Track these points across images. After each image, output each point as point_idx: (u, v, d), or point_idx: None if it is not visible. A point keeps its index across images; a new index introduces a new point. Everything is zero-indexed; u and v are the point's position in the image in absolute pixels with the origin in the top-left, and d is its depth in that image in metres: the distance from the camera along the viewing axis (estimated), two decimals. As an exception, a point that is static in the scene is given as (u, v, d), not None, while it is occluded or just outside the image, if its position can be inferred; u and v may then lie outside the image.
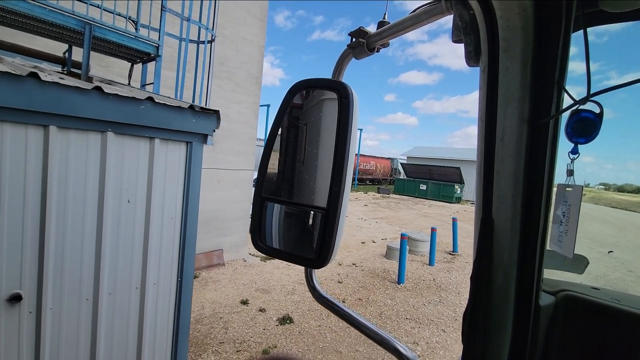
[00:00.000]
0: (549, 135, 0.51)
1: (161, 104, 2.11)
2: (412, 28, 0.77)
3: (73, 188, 1.87)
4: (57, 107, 1.72)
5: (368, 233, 11.22)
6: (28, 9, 2.57)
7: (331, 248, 0.51)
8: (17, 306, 1.75)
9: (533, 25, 0.48)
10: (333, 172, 0.50)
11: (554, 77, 0.50)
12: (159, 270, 2.31)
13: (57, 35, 3.16)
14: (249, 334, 4.25)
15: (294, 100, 0.57)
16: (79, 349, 1.98)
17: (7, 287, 1.71)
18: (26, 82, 1.62)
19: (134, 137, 2.08)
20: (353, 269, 7.26)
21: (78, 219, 1.91)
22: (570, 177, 0.53)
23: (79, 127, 1.85)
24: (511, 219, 0.54)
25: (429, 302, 5.43)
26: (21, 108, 1.63)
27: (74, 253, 1.91)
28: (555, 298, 0.62)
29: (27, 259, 1.76)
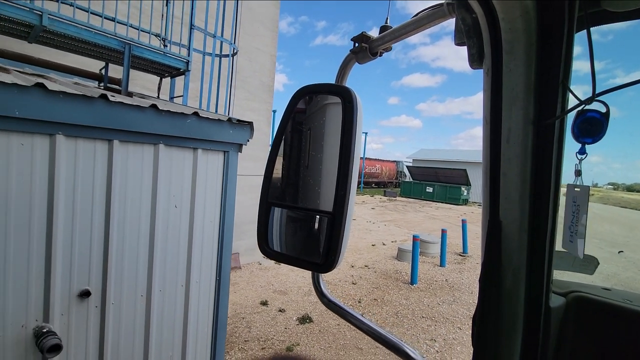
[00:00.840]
0: (555, 135, 0.52)
1: (204, 118, 2.33)
2: (415, 32, 0.77)
3: (131, 195, 2.09)
4: (120, 123, 1.95)
5: (377, 236, 11.37)
6: (77, 32, 2.82)
7: (338, 252, 0.50)
8: (86, 301, 1.96)
9: (536, 26, 0.48)
10: (338, 176, 0.50)
11: (559, 77, 0.50)
12: (201, 269, 2.52)
13: (96, 53, 3.42)
14: (271, 332, 4.44)
15: (297, 106, 0.58)
16: (135, 339, 2.19)
17: (78, 284, 1.92)
18: (96, 102, 1.84)
19: (181, 148, 2.30)
20: (366, 270, 7.41)
21: (135, 222, 2.13)
22: (579, 178, 0.52)
23: (137, 141, 2.07)
24: (519, 220, 0.54)
25: (443, 302, 5.58)
26: (91, 125, 1.85)
27: (131, 253, 2.13)
28: (566, 299, 0.61)
29: (94, 259, 1.98)
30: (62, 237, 1.84)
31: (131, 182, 2.09)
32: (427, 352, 4.02)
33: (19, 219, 1.70)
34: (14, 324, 1.72)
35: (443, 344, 4.18)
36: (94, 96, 1.83)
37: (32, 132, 1.70)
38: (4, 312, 1.69)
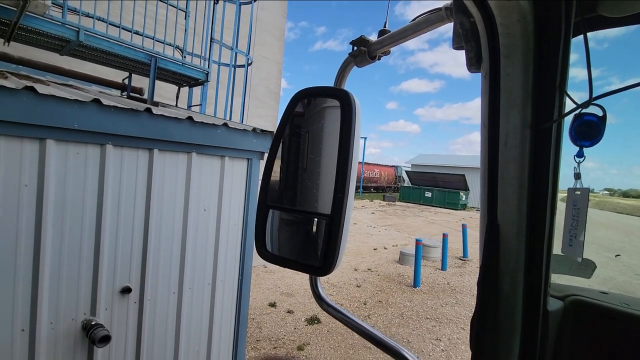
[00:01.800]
0: (553, 139, 0.52)
1: (232, 128, 2.52)
2: (413, 36, 0.78)
3: (167, 199, 2.27)
4: (160, 134, 2.13)
5: (378, 240, 11.53)
6: (109, 46, 3.02)
7: (336, 255, 0.50)
8: (126, 297, 2.13)
9: (533, 31, 0.49)
10: (337, 179, 0.50)
11: (556, 81, 0.50)
12: (225, 269, 2.69)
13: (122, 65, 3.61)
14: (281, 332, 4.59)
15: (296, 109, 0.58)
16: (167, 333, 2.35)
17: (120, 281, 2.09)
18: (141, 115, 2.03)
19: (211, 156, 2.49)
20: (369, 274, 7.58)
21: (169, 224, 2.30)
22: (578, 181, 0.53)
23: (173, 150, 2.26)
24: (517, 223, 0.54)
25: (446, 304, 5.75)
26: (136, 136, 2.04)
27: (166, 253, 2.30)
28: (564, 303, 0.61)
29: (135, 258, 2.15)
30: (109, 238, 2.01)
31: (167, 187, 2.27)
32: (433, 350, 4.19)
33: (73, 220, 1.87)
34: (65, 317, 1.89)
35: (448, 343, 4.35)
36: (140, 109, 2.01)
37: (87, 142, 1.88)
38: (58, 306, 1.85)
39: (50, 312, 1.83)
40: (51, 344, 1.84)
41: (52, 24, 2.71)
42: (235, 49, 3.99)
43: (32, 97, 1.63)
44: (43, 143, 1.73)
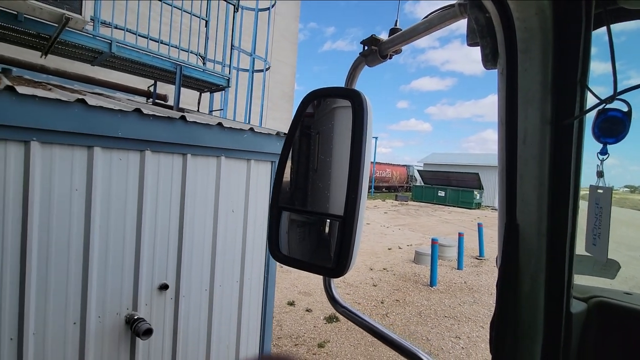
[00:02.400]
0: (574, 136, 0.51)
1: (258, 132, 2.63)
2: (425, 33, 0.77)
3: (199, 201, 2.40)
4: (193, 140, 2.26)
5: (393, 239, 11.53)
6: (138, 56, 3.18)
7: (349, 256, 0.50)
8: (164, 294, 2.26)
9: (552, 24, 0.48)
10: (349, 180, 0.50)
11: (576, 76, 0.49)
12: (252, 267, 2.81)
13: (147, 73, 3.78)
14: (301, 330, 4.69)
15: (306, 110, 0.57)
16: (200, 328, 2.48)
17: (158, 278, 2.23)
18: (177, 122, 2.16)
19: (238, 159, 2.60)
20: (385, 273, 7.61)
21: (201, 225, 2.43)
22: (601, 179, 0.51)
23: (204, 154, 2.38)
24: (537, 223, 0.53)
25: (464, 303, 5.75)
26: (172, 142, 2.17)
27: (198, 252, 2.43)
28: (587, 305, 0.59)
29: (171, 257, 2.28)
30: (148, 238, 2.15)
31: (199, 189, 2.39)
32: (453, 348, 4.22)
33: (117, 222, 2.01)
34: (110, 311, 2.03)
35: (467, 342, 4.37)
36: (175, 117, 2.14)
37: (128, 148, 2.02)
38: (104, 301, 2.00)
39: (98, 307, 1.97)
40: (99, 336, 1.98)
41: (87, 37, 2.88)
42: (255, 55, 4.11)
43: (82, 109, 1.77)
44: (91, 150, 1.87)
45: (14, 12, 2.43)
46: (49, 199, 1.76)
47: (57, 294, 1.82)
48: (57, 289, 1.82)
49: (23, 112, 1.61)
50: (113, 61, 3.36)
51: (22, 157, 1.67)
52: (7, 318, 1.68)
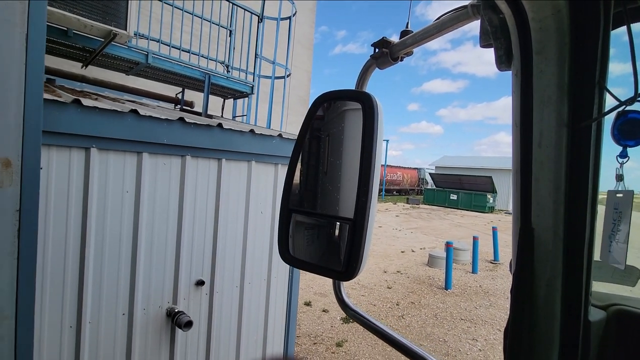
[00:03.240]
0: (592, 138, 0.50)
1: (285, 138, 2.78)
2: (437, 35, 0.76)
3: (232, 203, 2.55)
4: (228, 145, 2.42)
5: (405, 243, 11.54)
6: (171, 66, 3.38)
7: (360, 260, 0.50)
8: (199, 289, 2.42)
9: (568, 24, 0.47)
10: (359, 183, 0.50)
11: (594, 77, 0.48)
12: (278, 267, 2.95)
13: (176, 81, 3.99)
14: (319, 330, 4.81)
15: (316, 112, 0.58)
16: (231, 322, 2.63)
17: (195, 274, 2.39)
18: (214, 130, 2.33)
19: (267, 163, 2.76)
20: (399, 276, 7.66)
21: (234, 226, 2.59)
22: (620, 182, 0.50)
23: (237, 159, 2.54)
24: (553, 228, 0.52)
25: (480, 306, 5.77)
26: (209, 147, 2.33)
27: (230, 251, 2.58)
28: (607, 313, 0.57)
29: (206, 255, 2.44)
30: (187, 237, 2.31)
31: (232, 192, 2.55)
32: (470, 350, 4.26)
33: (161, 221, 2.18)
34: (154, 304, 2.20)
35: (485, 344, 4.41)
36: (213, 125, 2.31)
37: (171, 154, 2.19)
38: (149, 295, 2.16)
39: (143, 300, 2.14)
40: (143, 326, 2.15)
41: (127, 50, 3.10)
42: (277, 63, 4.29)
43: (134, 118, 1.95)
44: (140, 156, 2.04)
45: (65, 28, 2.65)
46: (104, 200, 1.94)
47: (110, 287, 1.99)
48: (110, 283, 1.99)
49: (85, 122, 1.79)
50: (147, 71, 3.57)
51: (83, 162, 1.85)
52: (68, 308, 1.86)
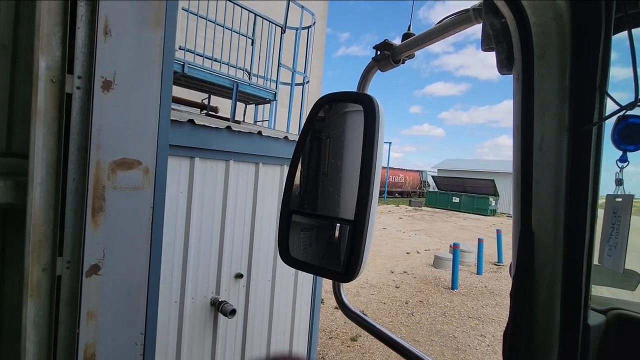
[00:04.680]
0: (592, 143, 0.50)
1: (314, 144, 3.02)
2: (439, 38, 0.76)
3: (267, 202, 2.79)
4: (265, 150, 2.66)
5: (410, 244, 11.75)
6: (204, 75, 3.63)
7: (360, 261, 0.50)
8: (238, 281, 2.65)
9: (570, 29, 0.47)
10: (360, 184, 0.50)
11: (595, 82, 0.48)
12: (304, 263, 3.18)
13: (205, 88, 4.23)
14: (333, 325, 5.03)
15: (318, 114, 0.58)
16: (264, 312, 2.87)
17: (234, 268, 2.62)
18: (254, 137, 2.56)
19: (297, 167, 2.99)
20: (405, 276, 7.88)
21: (267, 223, 2.82)
22: (620, 187, 0.50)
23: (272, 163, 2.78)
24: (553, 231, 0.52)
25: (486, 305, 5.99)
26: (250, 152, 2.57)
27: (263, 247, 2.81)
28: (606, 317, 0.57)
29: (244, 250, 2.67)
30: (229, 233, 2.55)
31: (267, 193, 2.79)
32: (479, 345, 4.48)
33: (207, 219, 2.42)
34: (200, 294, 2.43)
35: (492, 340, 4.63)
36: (254, 132, 2.55)
37: (218, 158, 2.43)
38: (196, 285, 2.40)
39: (192, 290, 2.37)
40: (191, 314, 2.38)
41: (165, 60, 3.34)
42: (297, 71, 4.53)
43: (190, 127, 2.19)
44: (192, 160, 2.28)
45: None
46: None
47: (164, 278, 2.23)
48: (165, 274, 2.22)
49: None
50: (180, 79, 3.81)
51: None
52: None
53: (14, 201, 0.98)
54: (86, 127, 0.96)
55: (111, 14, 0.97)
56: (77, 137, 0.97)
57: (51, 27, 0.93)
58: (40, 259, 0.95)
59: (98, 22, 0.94)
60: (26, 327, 0.94)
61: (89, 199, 0.96)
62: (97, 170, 0.98)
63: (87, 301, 0.98)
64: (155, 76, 1.07)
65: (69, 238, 0.97)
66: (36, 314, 0.95)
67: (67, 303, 0.98)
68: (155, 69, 1.07)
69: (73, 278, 0.98)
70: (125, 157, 1.04)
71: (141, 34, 1.03)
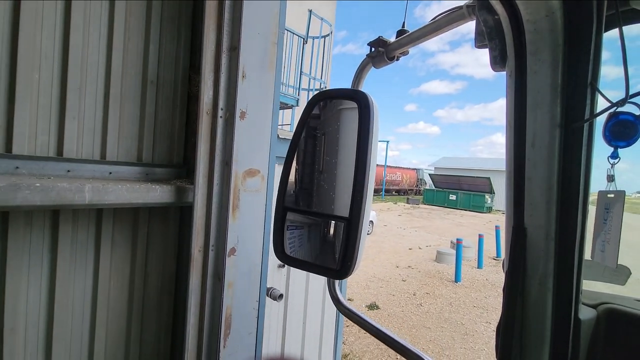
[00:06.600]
0: (584, 139, 0.50)
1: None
2: (433, 35, 0.77)
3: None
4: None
5: (411, 240, 12.18)
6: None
7: (354, 258, 0.49)
8: (281, 270, 3.00)
9: (562, 26, 0.48)
10: (355, 181, 0.49)
11: (587, 78, 0.49)
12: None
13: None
14: (349, 315, 5.41)
15: (313, 111, 0.57)
16: (300, 297, 3.23)
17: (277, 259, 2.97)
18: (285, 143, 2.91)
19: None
20: (410, 270, 8.29)
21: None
22: (611, 183, 0.50)
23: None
24: (545, 227, 0.53)
25: (489, 296, 6.41)
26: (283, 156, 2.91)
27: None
28: (597, 311, 0.58)
29: (286, 243, 3.03)
30: (274, 228, 2.89)
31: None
32: (486, 330, 4.89)
33: (258, 216, 2.76)
34: (250, 281, 2.77)
35: (497, 326, 5.04)
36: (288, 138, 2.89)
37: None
38: (248, 274, 2.74)
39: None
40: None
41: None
42: (317, 79, 4.88)
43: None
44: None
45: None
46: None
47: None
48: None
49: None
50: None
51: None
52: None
53: (174, 201, 1.32)
54: (229, 146, 1.29)
55: (247, 62, 1.30)
56: (220, 154, 1.30)
57: (208, 73, 1.27)
58: (197, 243, 1.29)
59: (238, 69, 1.27)
60: (191, 292, 1.28)
61: (230, 199, 1.30)
62: (235, 178, 1.31)
63: (228, 275, 1.31)
64: (270, 105, 1.41)
65: (214, 228, 1.31)
66: (194, 283, 1.29)
67: (212, 276, 1.32)
68: (270, 99, 1.41)
69: (218, 258, 1.31)
70: (251, 168, 1.38)
71: (263, 75, 1.36)
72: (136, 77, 1.39)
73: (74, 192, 1.07)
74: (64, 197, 1.05)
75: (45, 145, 1.19)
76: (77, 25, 1.22)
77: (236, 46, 1.29)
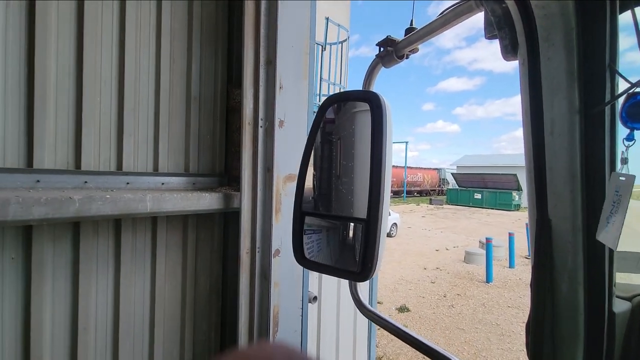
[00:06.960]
0: (606, 123, 0.48)
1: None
2: (442, 30, 0.76)
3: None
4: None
5: (438, 242, 11.93)
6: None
7: (375, 259, 0.49)
8: (313, 273, 3.06)
9: (574, 9, 0.46)
10: (371, 181, 0.49)
11: (605, 61, 0.47)
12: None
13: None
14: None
15: (326, 115, 0.57)
16: (333, 297, 3.27)
17: (310, 262, 3.03)
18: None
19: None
20: (439, 272, 8.13)
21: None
22: (625, 166, 0.48)
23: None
24: (571, 218, 0.51)
25: (523, 296, 6.19)
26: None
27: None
28: (631, 304, 0.56)
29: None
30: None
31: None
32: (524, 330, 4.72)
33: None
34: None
35: (535, 326, 4.86)
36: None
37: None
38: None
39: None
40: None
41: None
42: (336, 84, 4.96)
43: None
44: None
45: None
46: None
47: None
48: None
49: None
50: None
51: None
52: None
53: (222, 207, 1.42)
54: (270, 154, 1.37)
55: (283, 74, 1.38)
56: (262, 161, 1.39)
57: (248, 87, 1.36)
58: (244, 246, 1.37)
59: (275, 81, 1.36)
60: (241, 292, 1.36)
61: (274, 203, 1.37)
62: (277, 184, 1.39)
63: (274, 275, 1.39)
64: (304, 112, 1.49)
65: (259, 231, 1.39)
66: (243, 284, 1.37)
67: (259, 276, 1.39)
68: (305, 106, 1.49)
69: (264, 259, 1.39)
70: (290, 173, 1.46)
71: (297, 85, 1.44)
72: (181, 95, 1.50)
73: (138, 202, 1.18)
74: (129, 207, 1.16)
75: (107, 161, 1.32)
76: (130, 50, 1.35)
77: (272, 60, 1.37)
